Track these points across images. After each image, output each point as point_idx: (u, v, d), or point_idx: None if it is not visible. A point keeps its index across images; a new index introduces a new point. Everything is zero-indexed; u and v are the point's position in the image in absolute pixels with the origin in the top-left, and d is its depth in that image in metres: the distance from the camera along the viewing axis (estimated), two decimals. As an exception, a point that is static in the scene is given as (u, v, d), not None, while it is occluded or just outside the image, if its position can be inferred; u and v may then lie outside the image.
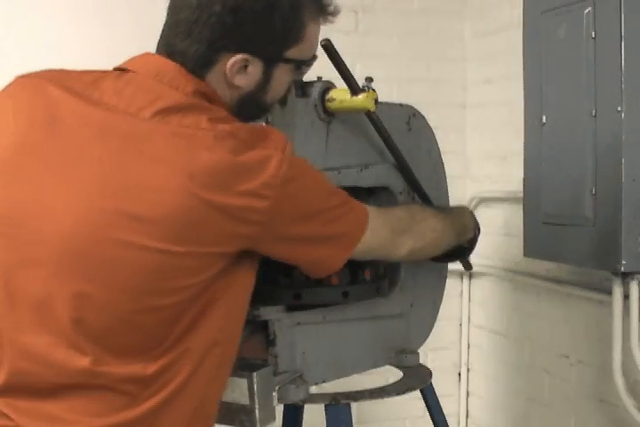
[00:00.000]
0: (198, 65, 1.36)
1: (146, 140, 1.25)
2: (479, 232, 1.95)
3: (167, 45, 1.38)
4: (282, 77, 1.43)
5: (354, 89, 1.72)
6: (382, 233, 1.57)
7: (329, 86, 1.76)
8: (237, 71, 1.37)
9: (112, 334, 1.28)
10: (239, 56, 1.35)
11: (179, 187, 1.22)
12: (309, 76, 1.77)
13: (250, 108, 1.44)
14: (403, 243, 1.63)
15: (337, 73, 1.73)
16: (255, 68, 1.38)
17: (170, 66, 1.35)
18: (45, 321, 1.27)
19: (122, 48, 1.49)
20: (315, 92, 1.74)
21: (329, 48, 1.67)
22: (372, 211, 1.53)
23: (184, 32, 1.35)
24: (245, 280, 1.41)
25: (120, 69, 1.39)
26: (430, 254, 1.81)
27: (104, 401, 1.29)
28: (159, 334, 1.30)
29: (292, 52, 1.41)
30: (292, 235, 1.38)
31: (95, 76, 1.35)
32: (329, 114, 1.76)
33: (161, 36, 1.40)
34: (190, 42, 1.35)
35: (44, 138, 1.29)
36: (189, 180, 1.22)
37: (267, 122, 1.65)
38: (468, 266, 2.14)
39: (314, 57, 1.47)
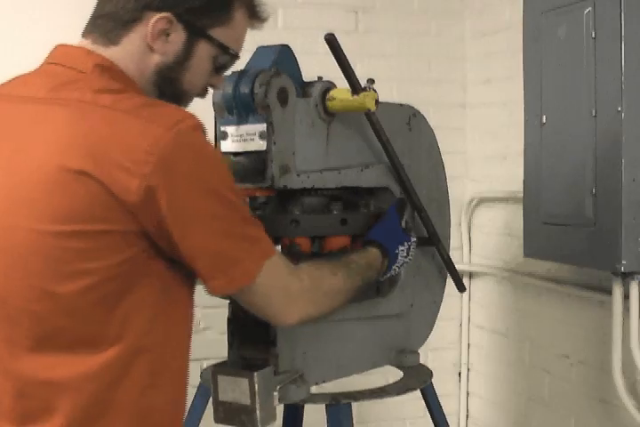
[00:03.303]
0: (119, 25, 1.36)
1: (36, 121, 1.28)
2: (390, 269, 1.77)
3: (93, 16, 1.40)
4: (202, 60, 1.41)
5: (354, 86, 1.72)
6: (280, 284, 1.42)
7: (329, 86, 1.76)
8: (158, 34, 1.36)
9: (15, 325, 1.28)
10: (163, 14, 1.35)
11: (56, 162, 1.22)
12: (310, 75, 1.78)
13: (165, 85, 1.41)
14: (295, 310, 1.47)
15: (337, 74, 1.73)
16: (177, 37, 1.37)
17: (73, 49, 1.38)
18: None
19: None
20: (315, 91, 1.74)
21: (332, 42, 1.67)
22: (278, 256, 1.42)
23: None
24: (176, 281, 1.35)
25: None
26: (320, 316, 1.65)
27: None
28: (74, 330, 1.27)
29: (218, 33, 1.40)
30: (170, 227, 1.27)
31: (26, 76, 1.40)
32: (329, 114, 1.77)
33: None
34: (117, 0, 1.37)
35: None
36: (65, 153, 1.22)
37: (269, 123, 1.65)
38: (461, 288, 2.13)
39: (236, 55, 1.46)
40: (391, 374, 2.04)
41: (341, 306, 1.64)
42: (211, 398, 1.68)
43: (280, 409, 1.93)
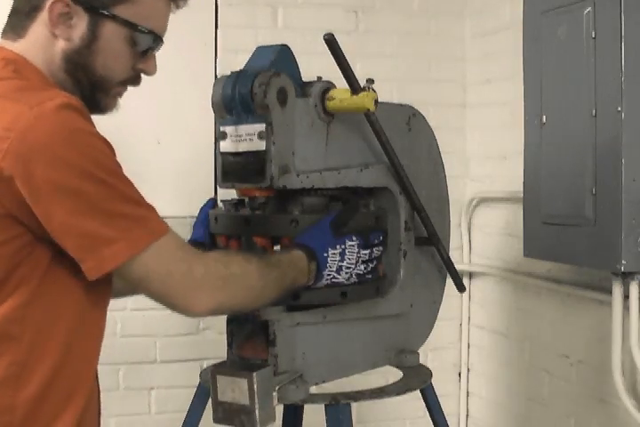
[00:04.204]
0: (23, 17, 1.35)
1: None
2: (322, 273, 1.64)
3: (8, 15, 1.39)
4: (113, 41, 1.36)
5: (354, 86, 1.72)
6: (176, 268, 1.31)
7: (329, 86, 1.76)
8: (58, 18, 1.33)
9: None
10: None
11: None
12: (310, 75, 1.77)
13: (77, 72, 1.36)
14: (202, 297, 1.34)
15: (337, 74, 1.73)
16: (80, 21, 1.34)
17: None
18: None
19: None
20: (314, 91, 1.74)
21: (331, 43, 1.67)
22: (172, 238, 1.31)
23: None
24: (67, 271, 1.29)
25: None
26: (239, 311, 1.60)
27: None
28: None
29: (121, 10, 1.35)
30: (32, 205, 1.22)
31: None
32: (329, 114, 1.76)
33: None
34: None
35: None
36: None
37: (268, 123, 1.65)
38: (461, 288, 2.13)
39: (152, 32, 1.39)
40: (391, 375, 2.04)
41: (263, 302, 1.51)
42: (210, 399, 1.68)
43: (280, 409, 1.93)
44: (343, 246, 1.67)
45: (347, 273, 1.68)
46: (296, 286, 1.59)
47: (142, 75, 1.44)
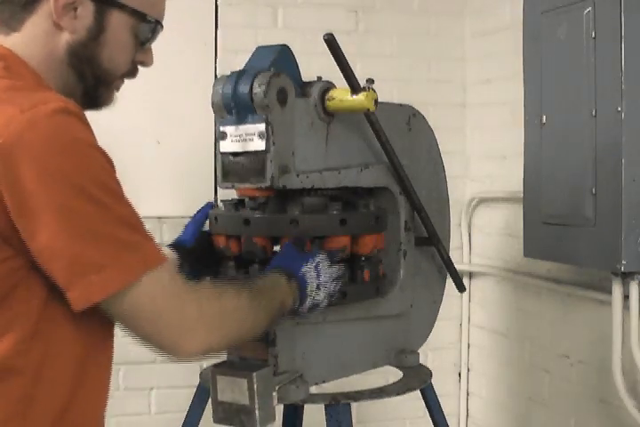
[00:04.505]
0: (18, 9, 1.25)
1: None
2: (304, 292, 1.57)
3: None
4: (119, 32, 1.29)
5: (354, 86, 1.72)
6: (169, 305, 1.18)
7: (329, 86, 1.76)
8: (64, 9, 1.24)
9: None
10: None
11: None
12: (310, 75, 1.77)
13: (82, 65, 1.28)
14: (194, 340, 1.21)
15: (337, 73, 1.73)
16: (85, 11, 1.26)
17: None
18: None
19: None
20: (315, 91, 1.74)
21: (331, 43, 1.67)
22: (166, 270, 1.18)
23: None
24: (52, 303, 1.17)
25: None
26: (226, 347, 1.50)
27: None
28: None
29: None
30: (16, 220, 1.10)
31: None
32: (329, 114, 1.76)
33: None
34: None
35: None
36: None
37: (268, 123, 1.65)
38: (461, 288, 2.13)
39: (157, 22, 1.33)
40: (391, 374, 2.04)
41: (255, 333, 1.42)
42: (210, 399, 1.68)
43: (280, 409, 1.93)
44: (315, 260, 1.61)
45: (324, 292, 1.61)
46: (284, 309, 1.51)
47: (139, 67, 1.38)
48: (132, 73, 1.36)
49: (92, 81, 1.30)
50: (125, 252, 1.13)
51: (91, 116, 1.25)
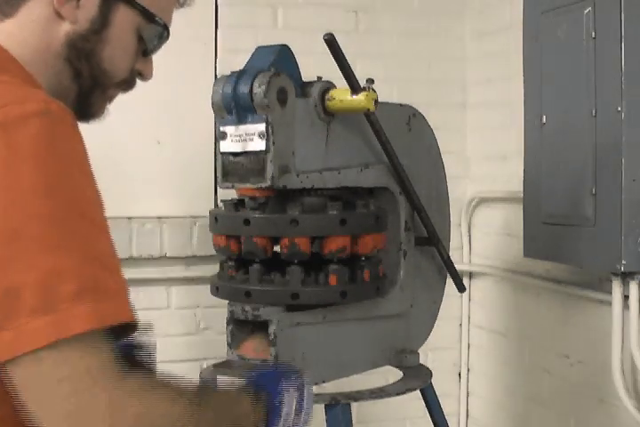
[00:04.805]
0: None
1: None
2: (275, 403, 1.21)
3: None
4: (124, 30, 1.16)
5: (354, 86, 1.72)
6: (90, 395, 0.88)
7: (329, 86, 1.76)
8: None
9: None
10: None
11: None
12: (310, 75, 1.77)
13: (80, 61, 1.15)
14: None
15: (337, 74, 1.73)
16: (89, 1, 1.12)
17: None
18: None
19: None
20: (315, 91, 1.74)
21: (331, 43, 1.67)
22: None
23: None
24: None
25: None
26: None
27: None
28: None
29: None
30: None
31: None
32: (329, 114, 1.77)
33: None
34: None
35: None
36: None
37: (268, 123, 1.65)
38: (461, 288, 2.13)
39: (164, 27, 1.20)
40: (391, 375, 2.04)
41: None
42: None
43: (280, 409, 1.93)
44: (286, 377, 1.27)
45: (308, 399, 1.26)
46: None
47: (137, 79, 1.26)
48: (128, 83, 1.23)
49: (88, 81, 1.17)
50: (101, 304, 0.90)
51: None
